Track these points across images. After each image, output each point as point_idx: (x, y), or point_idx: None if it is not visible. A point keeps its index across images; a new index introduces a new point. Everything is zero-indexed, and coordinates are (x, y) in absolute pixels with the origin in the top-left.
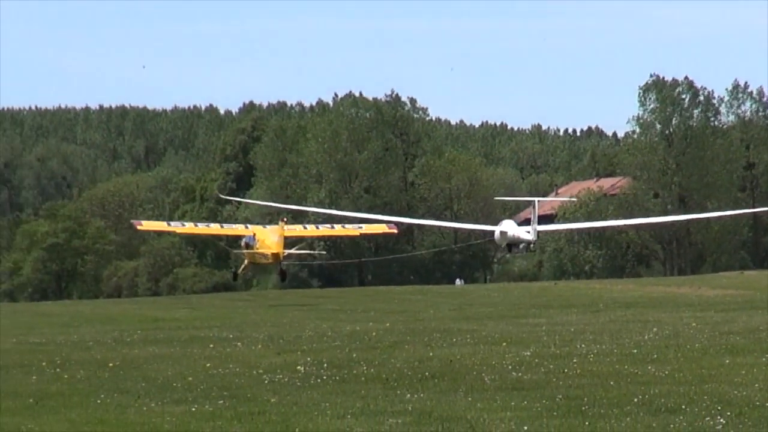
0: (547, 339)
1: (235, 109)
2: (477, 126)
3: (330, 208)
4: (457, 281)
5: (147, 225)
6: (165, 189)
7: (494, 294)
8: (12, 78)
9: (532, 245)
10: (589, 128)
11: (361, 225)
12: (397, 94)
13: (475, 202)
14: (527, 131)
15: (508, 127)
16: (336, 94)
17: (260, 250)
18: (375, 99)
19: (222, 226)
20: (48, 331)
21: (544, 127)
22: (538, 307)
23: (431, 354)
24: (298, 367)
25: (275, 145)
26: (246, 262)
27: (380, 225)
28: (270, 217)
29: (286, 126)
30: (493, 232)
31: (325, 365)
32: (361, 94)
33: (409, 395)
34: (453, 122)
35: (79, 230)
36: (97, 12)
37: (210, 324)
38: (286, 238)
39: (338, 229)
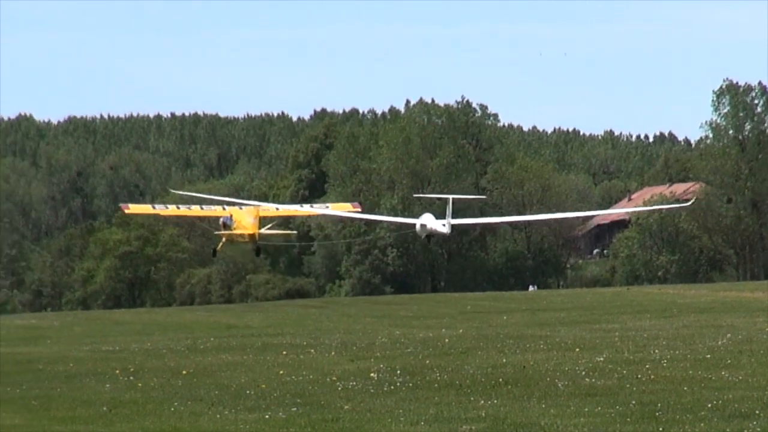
0: (620, 344)
1: (307, 117)
2: (549, 132)
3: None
4: (531, 287)
5: (134, 208)
6: (238, 196)
7: (567, 300)
8: (84, 86)
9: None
10: (662, 134)
11: (327, 205)
12: (467, 101)
13: (548, 208)
14: (600, 137)
15: (581, 133)
16: (408, 101)
17: (238, 231)
18: (447, 105)
19: (202, 208)
20: (121, 339)
21: (616, 133)
22: (611, 312)
23: (504, 360)
24: (372, 374)
25: (347, 152)
26: (224, 240)
27: (346, 204)
28: (343, 224)
29: (359, 133)
30: (414, 225)
31: (399, 372)
32: (433, 100)
33: (482, 401)
34: (525, 128)
35: (152, 238)
36: (169, 19)
37: (283, 331)
38: (261, 218)
39: (308, 210)
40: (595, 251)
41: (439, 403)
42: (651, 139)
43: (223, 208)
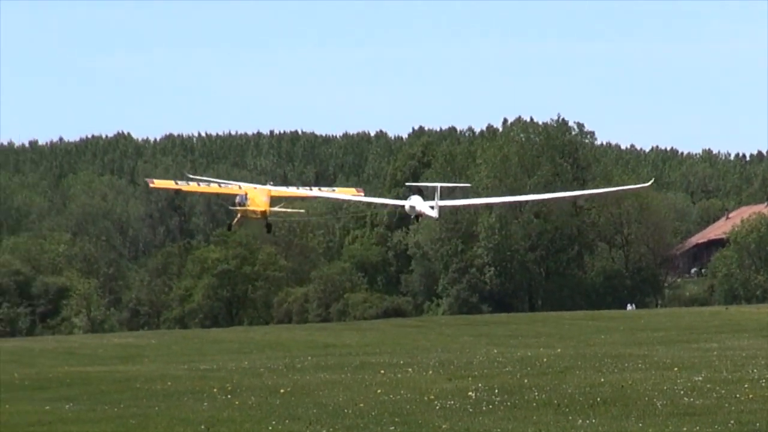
0: (718, 364)
1: (405, 135)
2: (647, 150)
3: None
4: (628, 306)
5: (158, 183)
6: (335, 215)
7: (665, 319)
8: (182, 104)
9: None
10: (760, 152)
11: (334, 188)
12: (563, 119)
13: (646, 227)
14: (698, 155)
15: (679, 152)
16: (505, 119)
17: (251, 208)
18: (544, 123)
19: (220, 185)
20: (219, 357)
21: (714, 152)
22: (709, 331)
23: (602, 379)
24: (470, 393)
25: (445, 171)
26: (239, 216)
27: (351, 189)
28: (441, 242)
29: (456, 151)
30: (403, 206)
31: (497, 391)
32: (530, 118)
33: (580, 421)
34: (623, 146)
35: (250, 256)
36: (266, 37)
37: (380, 350)
38: (272, 197)
39: (315, 191)
40: (693, 270)
41: (537, 422)
42: (749, 158)
43: (239, 187)
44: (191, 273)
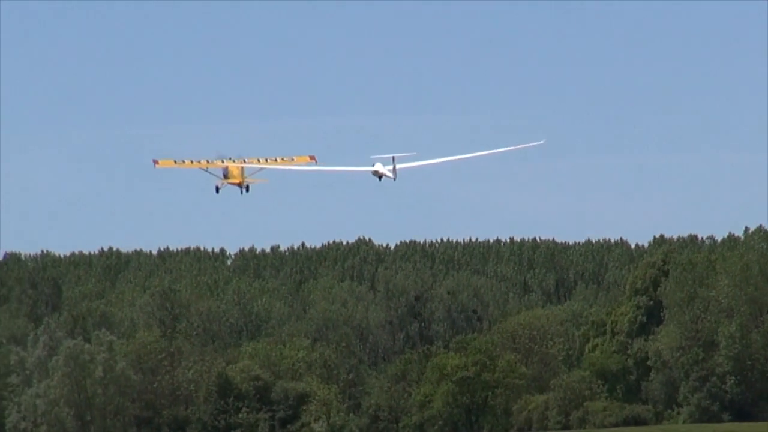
0: None
1: (645, 243)
2: None
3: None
4: None
5: (162, 162)
6: (575, 322)
7: None
8: (422, 211)
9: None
10: None
11: (293, 157)
12: None
13: None
14: None
15: None
16: (747, 228)
17: (231, 179)
18: None
19: (207, 161)
20: None
21: None
22: None
23: None
24: None
25: (685, 279)
26: (224, 183)
27: (305, 156)
28: (681, 351)
29: (696, 260)
30: (368, 171)
31: None
32: None
33: None
34: None
35: (490, 363)
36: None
37: None
38: (245, 168)
39: (278, 161)
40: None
41: None
42: None
43: (222, 161)
44: (430, 379)
